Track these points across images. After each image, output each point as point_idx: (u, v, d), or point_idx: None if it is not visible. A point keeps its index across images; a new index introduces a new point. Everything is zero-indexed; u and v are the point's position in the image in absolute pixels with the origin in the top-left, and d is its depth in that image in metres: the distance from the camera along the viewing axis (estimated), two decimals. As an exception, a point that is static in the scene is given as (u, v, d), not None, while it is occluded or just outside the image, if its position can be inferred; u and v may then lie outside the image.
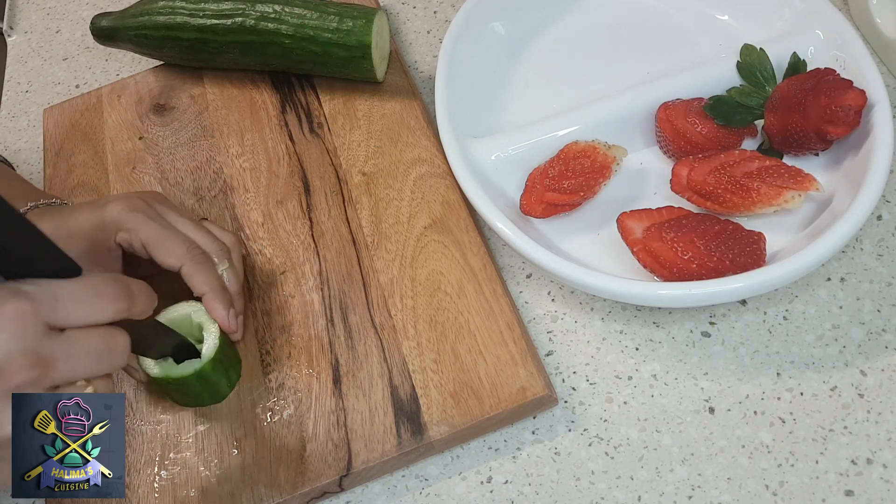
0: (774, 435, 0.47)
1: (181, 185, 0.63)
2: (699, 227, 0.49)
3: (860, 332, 0.50)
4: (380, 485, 0.50)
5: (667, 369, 0.50)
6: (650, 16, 0.64)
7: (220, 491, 0.48)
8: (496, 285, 0.53)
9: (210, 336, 0.49)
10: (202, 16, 0.64)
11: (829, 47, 0.55)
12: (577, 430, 0.49)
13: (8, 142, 0.72)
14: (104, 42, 0.70)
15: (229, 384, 0.51)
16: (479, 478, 0.49)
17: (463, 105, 0.59)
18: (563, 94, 0.61)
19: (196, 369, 0.48)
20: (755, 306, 0.52)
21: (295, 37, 0.62)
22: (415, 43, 0.71)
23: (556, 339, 0.53)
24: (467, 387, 0.49)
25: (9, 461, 0.37)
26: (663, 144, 0.57)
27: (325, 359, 0.52)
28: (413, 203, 0.58)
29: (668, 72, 0.58)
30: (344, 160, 0.61)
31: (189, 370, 0.48)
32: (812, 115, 0.51)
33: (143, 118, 0.67)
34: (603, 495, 0.47)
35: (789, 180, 0.50)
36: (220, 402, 0.51)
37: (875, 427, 0.47)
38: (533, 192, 0.54)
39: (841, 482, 0.45)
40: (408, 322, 0.52)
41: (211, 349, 0.49)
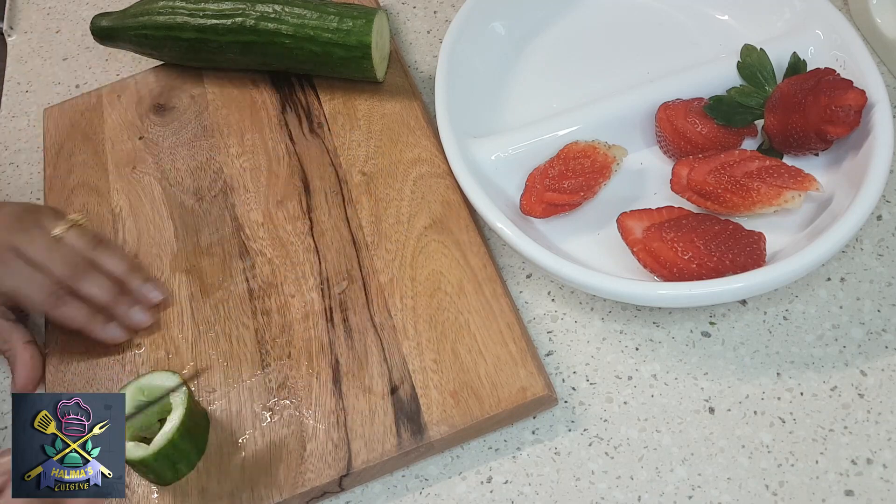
0: (774, 435, 0.47)
1: (181, 185, 0.63)
2: (699, 227, 0.49)
3: (860, 332, 0.50)
4: (380, 485, 0.50)
5: (667, 369, 0.50)
6: (650, 16, 0.64)
7: (220, 491, 0.48)
8: (496, 285, 0.53)
9: (174, 415, 0.47)
10: (202, 16, 0.64)
11: (829, 47, 0.55)
12: (577, 430, 0.49)
13: (8, 142, 0.72)
14: (104, 42, 0.70)
15: (197, 455, 0.49)
16: (479, 478, 0.49)
17: (463, 105, 0.58)
18: (563, 94, 0.61)
19: (159, 446, 0.46)
20: (755, 306, 0.52)
21: (295, 37, 0.62)
22: (415, 43, 0.71)
23: (556, 339, 0.53)
24: (467, 387, 0.49)
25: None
26: (663, 144, 0.57)
27: (325, 359, 0.52)
28: (413, 203, 0.58)
29: (668, 72, 0.58)
30: (344, 160, 0.61)
31: (148, 450, 0.46)
32: (812, 115, 0.51)
33: (143, 118, 0.67)
34: (603, 495, 0.47)
35: (789, 180, 0.50)
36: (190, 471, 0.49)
37: (875, 427, 0.47)
38: (533, 192, 0.54)
39: (841, 482, 0.45)
40: (408, 322, 0.52)
41: (168, 432, 0.46)
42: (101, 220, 0.62)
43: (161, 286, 0.57)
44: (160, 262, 0.59)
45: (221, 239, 0.59)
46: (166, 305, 0.56)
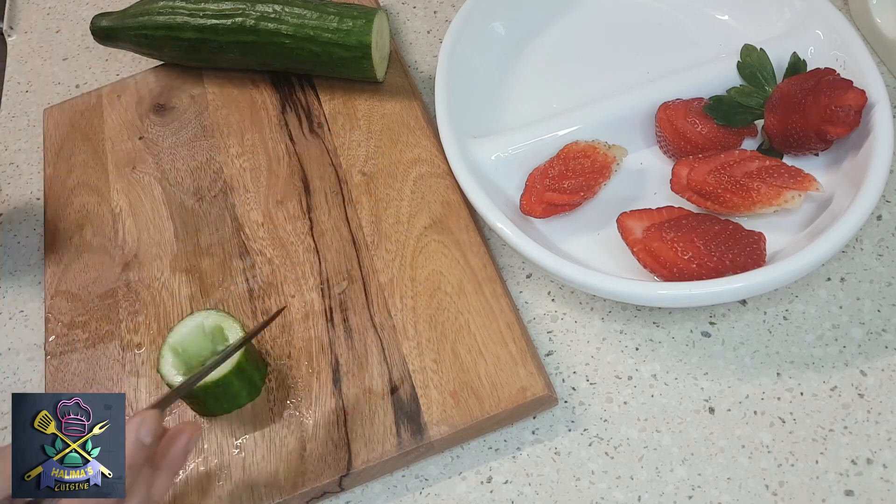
0: (774, 435, 0.47)
1: (181, 185, 0.63)
2: (699, 227, 0.49)
3: (860, 332, 0.50)
4: (380, 485, 0.50)
5: (667, 369, 0.50)
6: (650, 16, 0.64)
7: (220, 491, 0.48)
8: (496, 285, 0.53)
9: (234, 331, 0.50)
10: (202, 16, 0.64)
11: (829, 47, 0.55)
12: (577, 430, 0.49)
13: (8, 142, 0.72)
14: (104, 42, 0.70)
15: (261, 376, 0.52)
16: (479, 478, 0.49)
17: (463, 105, 0.58)
18: (563, 94, 0.61)
19: (234, 363, 0.48)
20: (755, 306, 0.52)
21: (295, 37, 0.62)
22: (415, 43, 0.71)
23: (556, 339, 0.53)
24: (467, 387, 0.49)
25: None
26: (663, 144, 0.57)
27: (325, 359, 0.52)
28: (413, 203, 0.58)
29: (668, 72, 0.58)
30: (344, 160, 0.61)
31: (227, 367, 0.48)
32: (812, 115, 0.51)
33: (143, 118, 0.67)
34: (603, 495, 0.47)
35: (789, 180, 0.50)
36: (256, 397, 0.51)
37: (875, 427, 0.47)
38: (533, 192, 0.54)
39: (841, 482, 0.45)
40: (408, 322, 0.52)
41: (240, 340, 0.49)
42: (102, 220, 0.62)
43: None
44: (160, 262, 0.59)
45: (221, 239, 0.59)
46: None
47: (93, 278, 0.59)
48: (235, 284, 0.57)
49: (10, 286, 0.63)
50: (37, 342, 0.59)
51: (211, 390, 0.48)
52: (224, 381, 0.48)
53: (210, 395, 0.49)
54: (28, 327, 0.60)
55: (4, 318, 0.61)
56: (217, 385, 0.48)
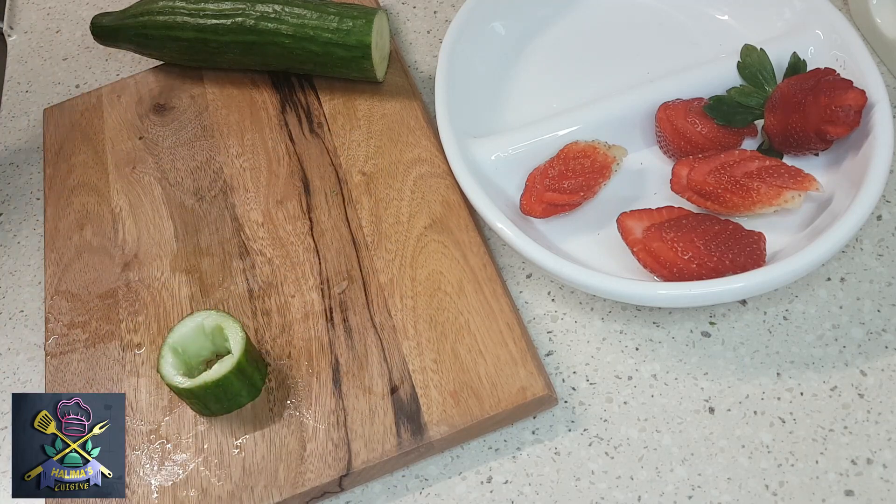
0: (774, 435, 0.47)
1: (181, 185, 0.63)
2: (699, 227, 0.49)
3: (860, 332, 0.50)
4: (380, 485, 0.50)
5: (667, 369, 0.50)
6: (650, 16, 0.64)
7: (220, 491, 0.48)
8: (496, 285, 0.53)
9: (234, 332, 0.49)
10: (202, 16, 0.64)
11: (829, 47, 0.55)
12: (577, 430, 0.49)
13: (8, 142, 0.72)
14: (104, 42, 0.70)
15: (261, 376, 0.51)
16: (479, 478, 0.49)
17: (463, 105, 0.58)
18: (563, 94, 0.61)
19: (234, 363, 0.48)
20: (755, 306, 0.52)
21: (295, 37, 0.62)
22: (415, 43, 0.71)
23: (556, 339, 0.53)
24: (467, 387, 0.49)
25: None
26: (663, 144, 0.57)
27: (325, 359, 0.52)
28: (413, 203, 0.58)
29: (668, 72, 0.58)
30: (344, 160, 0.61)
31: (227, 367, 0.48)
32: (812, 115, 0.51)
33: (143, 118, 0.67)
34: (603, 495, 0.47)
35: (789, 180, 0.50)
36: (256, 397, 0.51)
37: (875, 427, 0.47)
38: (533, 192, 0.54)
39: (841, 482, 0.45)
40: (408, 322, 0.52)
41: (240, 341, 0.49)
42: (101, 220, 0.62)
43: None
44: (160, 262, 0.59)
45: (221, 239, 0.59)
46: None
47: (93, 278, 0.59)
48: (235, 284, 0.57)
49: (10, 286, 0.63)
50: (37, 342, 0.59)
51: (211, 390, 0.48)
52: (224, 381, 0.48)
53: (210, 395, 0.49)
54: (28, 327, 0.60)
55: (4, 318, 0.61)
56: (217, 385, 0.48)
